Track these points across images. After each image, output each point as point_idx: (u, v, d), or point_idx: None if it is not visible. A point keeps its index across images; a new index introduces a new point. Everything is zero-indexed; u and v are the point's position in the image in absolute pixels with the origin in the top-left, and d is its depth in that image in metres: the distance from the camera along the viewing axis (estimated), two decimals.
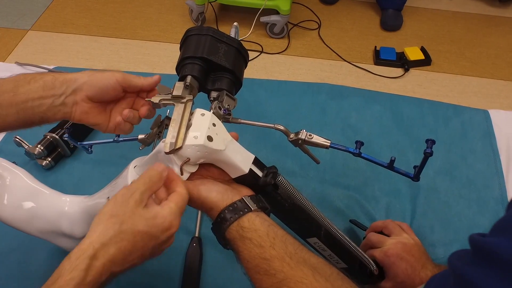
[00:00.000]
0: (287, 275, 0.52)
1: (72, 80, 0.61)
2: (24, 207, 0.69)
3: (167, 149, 0.55)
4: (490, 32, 2.57)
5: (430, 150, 0.57)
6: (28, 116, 0.62)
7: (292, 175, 1.01)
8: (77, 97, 0.62)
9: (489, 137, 1.08)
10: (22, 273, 0.85)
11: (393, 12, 2.51)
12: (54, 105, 0.62)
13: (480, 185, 1.00)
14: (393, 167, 0.63)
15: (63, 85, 0.61)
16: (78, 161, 1.04)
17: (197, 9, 2.41)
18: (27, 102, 0.61)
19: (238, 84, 0.67)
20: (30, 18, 2.57)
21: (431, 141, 0.58)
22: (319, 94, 1.18)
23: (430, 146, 0.57)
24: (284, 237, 0.56)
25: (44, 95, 0.61)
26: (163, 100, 0.63)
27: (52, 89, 0.61)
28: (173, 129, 0.57)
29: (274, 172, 0.61)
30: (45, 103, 0.61)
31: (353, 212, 0.95)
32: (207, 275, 0.85)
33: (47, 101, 0.61)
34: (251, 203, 0.58)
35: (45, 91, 0.61)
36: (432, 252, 0.84)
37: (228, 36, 0.66)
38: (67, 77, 0.62)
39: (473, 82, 2.26)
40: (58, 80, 0.61)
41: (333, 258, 0.72)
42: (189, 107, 0.61)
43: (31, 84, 0.61)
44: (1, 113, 0.61)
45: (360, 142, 0.64)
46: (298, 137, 0.65)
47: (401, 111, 1.14)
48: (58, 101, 0.62)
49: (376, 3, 2.64)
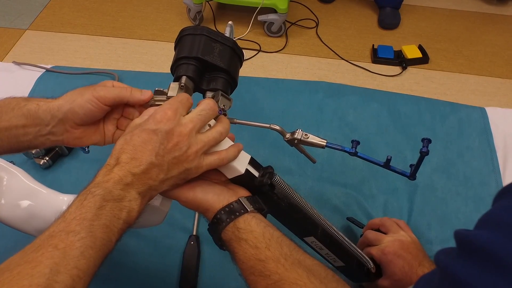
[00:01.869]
0: (282, 276, 0.52)
1: (55, 109, 0.59)
2: (22, 206, 0.69)
3: None
4: (487, 30, 2.57)
5: (426, 149, 0.57)
6: (13, 143, 0.60)
7: (289, 173, 1.01)
8: (66, 125, 0.60)
9: (486, 134, 1.09)
10: None
11: (391, 10, 2.51)
12: (41, 134, 0.60)
13: (477, 183, 1.00)
14: (389, 166, 0.63)
15: (47, 114, 0.59)
16: (75, 160, 1.04)
17: (194, 8, 2.41)
18: (11, 130, 0.59)
19: (233, 84, 0.67)
20: (28, 18, 2.57)
21: (427, 140, 0.58)
22: (316, 92, 1.18)
23: (426, 145, 0.57)
24: (279, 238, 0.56)
25: (27, 123, 0.59)
26: (155, 101, 0.63)
27: (36, 118, 0.59)
28: None
29: (271, 172, 0.62)
30: (30, 132, 0.60)
31: (350, 210, 0.95)
32: (205, 273, 0.86)
33: (32, 130, 0.60)
34: (248, 204, 0.58)
35: (29, 120, 0.59)
36: (429, 249, 0.84)
37: (223, 36, 0.66)
38: (50, 106, 0.59)
39: (471, 80, 2.26)
40: (41, 108, 0.59)
41: (330, 257, 0.72)
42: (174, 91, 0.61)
43: (15, 111, 0.59)
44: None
45: (356, 142, 0.64)
46: (294, 137, 0.65)
47: (398, 109, 1.14)
48: (45, 130, 0.60)
49: (374, 1, 2.63)
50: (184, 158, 0.54)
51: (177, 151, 0.53)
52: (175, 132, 0.53)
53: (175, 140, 0.53)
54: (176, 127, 0.53)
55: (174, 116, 0.54)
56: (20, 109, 0.59)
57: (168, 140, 0.53)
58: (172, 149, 0.53)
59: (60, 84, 1.19)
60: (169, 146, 0.53)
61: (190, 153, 0.54)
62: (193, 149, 0.54)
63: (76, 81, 1.20)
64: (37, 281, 0.41)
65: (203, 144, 0.55)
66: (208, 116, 0.57)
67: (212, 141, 0.56)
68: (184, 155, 0.53)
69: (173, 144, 0.53)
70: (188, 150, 0.53)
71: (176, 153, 0.53)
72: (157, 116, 0.54)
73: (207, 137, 0.56)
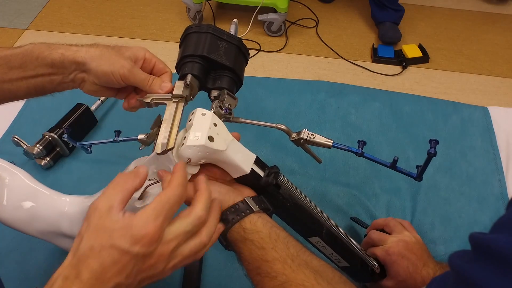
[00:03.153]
0: (289, 277, 0.51)
1: (81, 63, 0.61)
2: (24, 208, 0.68)
3: (159, 150, 0.54)
4: (487, 29, 2.57)
5: (434, 151, 0.57)
6: (39, 89, 0.64)
7: (292, 173, 1.00)
8: (85, 78, 0.63)
9: (489, 133, 1.08)
10: (21, 273, 0.85)
11: (390, 25, 2.43)
12: (64, 81, 0.64)
13: (480, 182, 1.00)
14: (396, 167, 0.63)
15: (71, 64, 0.62)
16: (77, 161, 1.03)
17: (194, 7, 2.40)
18: (37, 78, 0.63)
19: (239, 83, 0.67)
20: (27, 18, 2.56)
21: (435, 141, 0.57)
22: (318, 92, 1.17)
23: (434, 146, 0.57)
24: (286, 239, 0.56)
25: (53, 72, 0.62)
26: (154, 100, 0.63)
27: (61, 68, 0.62)
28: (164, 129, 0.56)
29: (276, 172, 0.61)
30: (55, 80, 0.63)
31: (353, 209, 0.95)
32: (207, 274, 0.85)
33: (56, 78, 0.63)
34: (253, 204, 0.57)
35: (54, 69, 0.62)
36: (432, 249, 0.84)
37: (228, 34, 0.65)
38: (75, 56, 0.61)
39: (471, 79, 2.26)
40: (67, 59, 0.61)
41: (335, 257, 0.72)
42: (181, 106, 0.61)
43: (39, 60, 0.62)
44: (11, 87, 0.63)
45: (362, 142, 0.63)
46: (300, 137, 0.65)
47: (401, 109, 1.14)
48: (68, 78, 0.63)
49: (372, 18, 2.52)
50: (158, 274, 0.48)
51: (152, 271, 0.46)
52: (155, 254, 0.46)
53: (152, 262, 0.46)
54: (156, 249, 0.45)
55: (157, 237, 0.45)
56: (44, 58, 0.61)
57: (144, 262, 0.45)
58: (147, 269, 0.46)
59: None
60: (144, 267, 0.46)
61: (167, 269, 0.48)
62: (170, 265, 0.48)
63: None
64: None
65: (182, 259, 0.49)
66: (196, 230, 0.50)
67: (193, 256, 0.50)
68: (160, 272, 0.47)
69: (150, 265, 0.46)
70: (165, 268, 0.47)
71: (150, 273, 0.47)
72: (135, 232, 0.44)
73: (190, 250, 0.49)
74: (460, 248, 0.86)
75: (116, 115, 1.13)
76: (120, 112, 1.14)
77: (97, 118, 1.10)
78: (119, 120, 1.12)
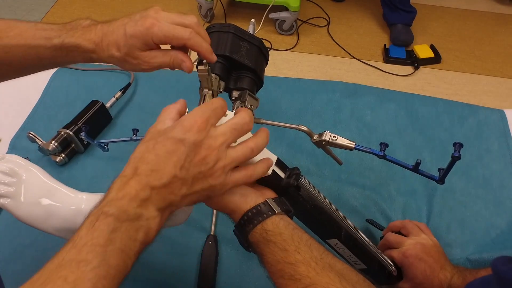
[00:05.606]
0: (314, 280, 0.51)
1: (109, 33, 0.62)
2: (41, 205, 0.68)
3: None
4: (499, 31, 2.55)
5: (458, 154, 0.56)
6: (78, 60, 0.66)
7: (307, 174, 1.00)
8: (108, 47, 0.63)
9: (505, 137, 1.07)
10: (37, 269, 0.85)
11: (403, 27, 2.43)
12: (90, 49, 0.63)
13: (496, 185, 0.99)
14: (418, 170, 0.62)
15: (98, 32, 0.62)
16: (91, 158, 1.03)
17: (206, 5, 2.40)
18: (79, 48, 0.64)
19: (259, 84, 0.66)
20: (39, 13, 2.57)
21: (459, 144, 0.56)
22: (333, 92, 1.17)
23: (458, 149, 0.56)
24: (308, 241, 0.55)
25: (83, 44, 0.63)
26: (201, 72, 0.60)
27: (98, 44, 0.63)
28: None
29: (297, 173, 0.61)
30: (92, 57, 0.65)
31: (369, 211, 0.94)
32: (223, 273, 0.85)
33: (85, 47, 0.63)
34: (275, 206, 0.57)
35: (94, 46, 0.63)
36: (448, 252, 0.83)
37: (249, 34, 0.65)
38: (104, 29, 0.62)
39: (483, 81, 2.24)
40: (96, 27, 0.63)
41: (352, 259, 0.71)
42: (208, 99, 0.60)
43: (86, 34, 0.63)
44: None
45: (384, 144, 0.63)
46: (322, 139, 0.64)
47: (416, 110, 1.13)
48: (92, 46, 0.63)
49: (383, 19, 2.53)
50: (210, 173, 0.50)
51: (203, 166, 0.49)
52: (204, 145, 0.49)
53: (203, 154, 0.49)
54: (205, 139, 0.49)
55: (205, 126, 0.49)
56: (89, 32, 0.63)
57: (195, 153, 0.49)
58: (198, 163, 0.49)
59: (76, 80, 1.19)
60: (195, 160, 0.49)
61: (217, 168, 0.50)
62: (221, 165, 0.50)
63: (92, 78, 1.20)
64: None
65: (231, 160, 0.51)
66: (242, 131, 0.53)
67: (241, 158, 0.52)
68: (211, 170, 0.50)
69: (201, 157, 0.49)
70: (215, 165, 0.50)
71: (202, 168, 0.49)
72: (185, 123, 0.49)
73: (237, 153, 0.52)
74: (477, 251, 0.86)
75: (131, 112, 1.13)
76: (135, 109, 1.14)
77: (112, 115, 1.10)
78: (133, 117, 1.12)
